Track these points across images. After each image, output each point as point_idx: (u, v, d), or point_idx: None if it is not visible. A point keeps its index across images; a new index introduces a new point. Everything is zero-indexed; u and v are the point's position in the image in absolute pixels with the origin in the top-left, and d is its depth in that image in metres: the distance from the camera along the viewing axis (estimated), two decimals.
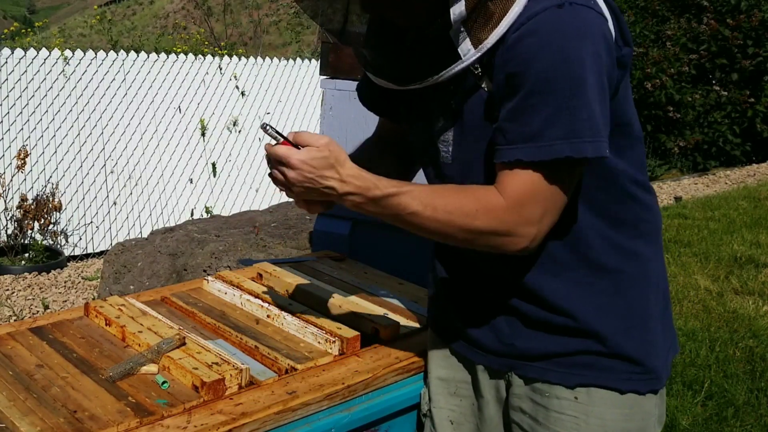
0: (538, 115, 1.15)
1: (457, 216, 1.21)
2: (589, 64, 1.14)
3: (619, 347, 1.32)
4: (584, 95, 1.14)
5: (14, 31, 9.40)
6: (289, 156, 1.21)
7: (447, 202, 1.21)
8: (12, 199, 5.82)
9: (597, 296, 1.32)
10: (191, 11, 16.71)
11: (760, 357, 3.31)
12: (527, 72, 1.15)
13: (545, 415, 1.35)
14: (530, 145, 1.17)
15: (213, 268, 3.20)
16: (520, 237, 1.21)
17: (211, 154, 7.17)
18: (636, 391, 1.33)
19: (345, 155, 1.22)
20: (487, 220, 1.20)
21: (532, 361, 1.36)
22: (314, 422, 1.43)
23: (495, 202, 1.20)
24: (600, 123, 1.17)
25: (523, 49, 1.16)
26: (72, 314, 1.73)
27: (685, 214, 5.86)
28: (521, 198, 1.20)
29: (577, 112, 1.14)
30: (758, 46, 8.49)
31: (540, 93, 1.15)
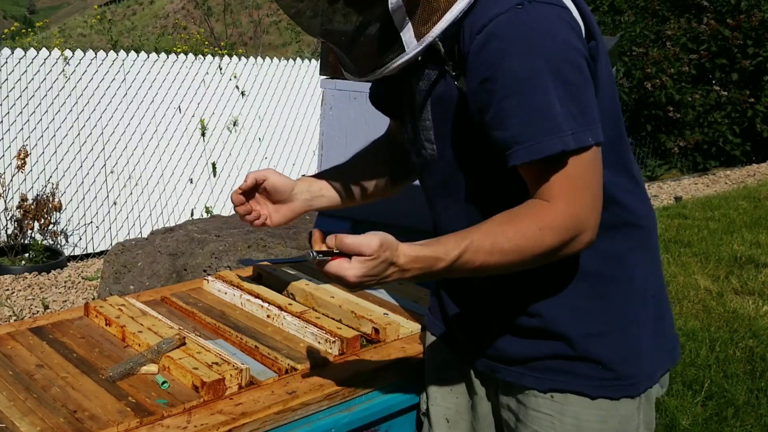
0: (516, 118, 1.15)
1: (525, 245, 1.18)
2: (556, 57, 1.14)
3: (589, 351, 1.31)
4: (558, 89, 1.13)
5: (14, 31, 9.41)
6: (346, 275, 1.14)
7: (509, 237, 1.17)
8: (12, 199, 5.82)
9: (573, 299, 1.31)
10: (191, 11, 16.71)
11: (760, 357, 3.31)
12: (497, 76, 1.15)
13: (525, 413, 1.37)
14: (517, 149, 1.16)
15: (213, 268, 3.20)
16: (585, 232, 1.19)
17: (211, 154, 7.17)
18: (607, 396, 1.31)
19: (396, 245, 1.16)
20: (554, 234, 1.18)
21: (510, 365, 1.37)
22: (314, 422, 1.43)
23: (549, 211, 1.18)
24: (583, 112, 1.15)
25: (490, 53, 1.15)
26: (72, 314, 1.73)
27: (685, 214, 5.87)
28: (566, 193, 1.17)
29: (553, 107, 1.13)
30: (758, 46, 8.50)
31: (513, 95, 1.14)
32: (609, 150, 1.26)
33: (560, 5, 1.18)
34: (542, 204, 1.19)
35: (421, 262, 1.17)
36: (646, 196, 1.39)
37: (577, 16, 1.20)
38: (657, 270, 1.41)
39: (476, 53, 1.17)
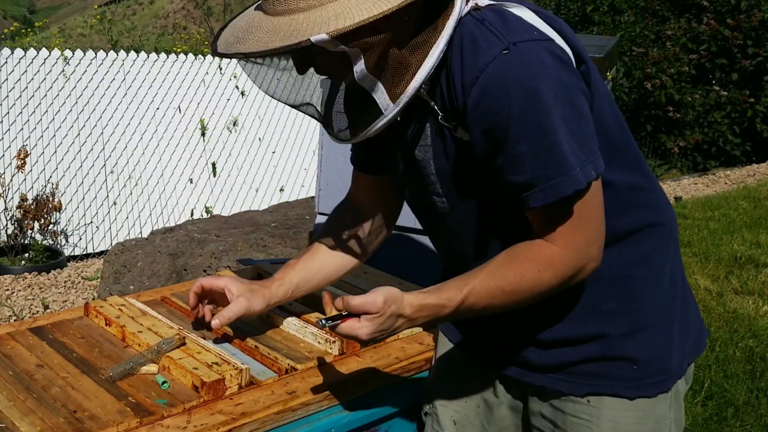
0: (528, 162, 1.16)
1: (526, 286, 1.22)
2: (554, 96, 1.14)
3: (624, 351, 1.32)
4: (560, 128, 1.14)
5: (14, 31, 9.40)
6: (357, 334, 1.22)
7: (510, 280, 1.22)
8: (12, 199, 5.82)
9: (605, 303, 1.32)
10: (191, 11, 16.71)
11: (760, 357, 3.31)
12: (501, 125, 1.15)
13: (562, 419, 1.37)
14: (534, 191, 1.17)
15: (213, 268, 3.20)
16: (588, 263, 1.23)
17: (211, 154, 7.17)
18: (645, 396, 1.33)
19: (401, 297, 1.23)
20: (553, 273, 1.22)
21: (543, 372, 1.37)
22: (314, 422, 1.43)
23: (548, 252, 1.21)
24: (583, 146, 1.17)
25: (489, 104, 1.15)
26: (72, 314, 1.73)
27: (685, 214, 5.86)
28: (566, 235, 1.20)
29: (560, 147, 1.15)
30: (758, 46, 8.49)
31: (520, 140, 1.15)
32: (621, 154, 1.29)
33: (544, 39, 1.17)
34: (542, 245, 1.22)
35: (427, 310, 1.23)
36: (661, 191, 1.40)
37: (562, 44, 1.20)
38: (680, 261, 1.43)
39: (475, 106, 1.17)
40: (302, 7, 1.13)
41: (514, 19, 1.18)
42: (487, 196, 1.28)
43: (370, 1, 1.10)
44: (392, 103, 1.19)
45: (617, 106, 1.35)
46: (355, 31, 1.09)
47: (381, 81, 1.18)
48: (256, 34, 1.15)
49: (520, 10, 1.21)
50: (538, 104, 1.13)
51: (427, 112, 1.26)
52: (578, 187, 1.16)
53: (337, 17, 1.10)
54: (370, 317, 1.21)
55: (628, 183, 1.31)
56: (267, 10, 1.17)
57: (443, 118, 1.24)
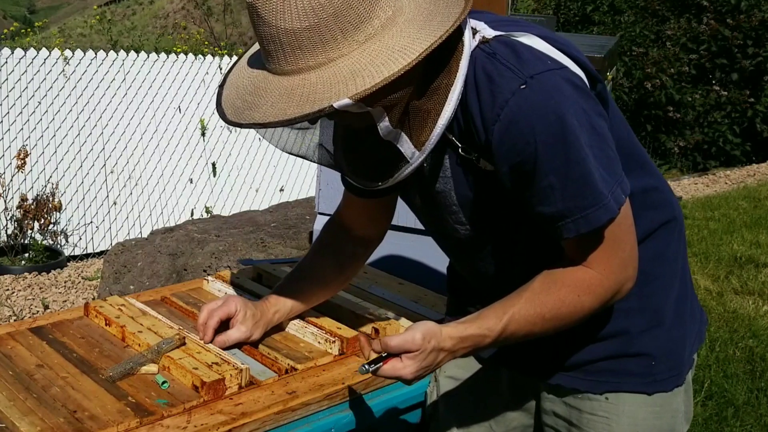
0: (559, 193, 1.16)
1: (567, 312, 1.22)
2: (579, 124, 1.13)
3: (643, 347, 1.33)
4: (588, 156, 1.14)
5: (14, 31, 9.39)
6: (402, 375, 1.21)
7: (550, 307, 1.21)
8: (12, 199, 5.82)
9: (623, 302, 1.31)
10: (191, 11, 16.71)
11: (760, 357, 3.31)
12: (528, 159, 1.14)
13: (579, 417, 1.37)
14: (566, 222, 1.17)
15: (213, 268, 3.20)
16: (626, 284, 1.23)
17: (211, 154, 7.17)
18: (663, 390, 1.34)
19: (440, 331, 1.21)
20: (593, 297, 1.22)
21: (559, 371, 1.37)
22: (314, 422, 1.43)
23: (587, 277, 1.21)
24: (610, 171, 1.17)
25: (515, 140, 1.14)
26: (72, 314, 1.73)
27: (685, 214, 5.85)
28: (602, 259, 1.20)
29: (590, 176, 1.14)
30: (758, 46, 8.49)
31: (550, 173, 1.14)
32: (631, 160, 1.29)
33: (558, 67, 1.16)
34: (580, 270, 1.22)
35: (468, 341, 1.22)
36: (668, 187, 1.41)
37: (575, 69, 1.19)
38: (684, 252, 1.43)
39: (499, 143, 1.15)
40: (312, 65, 1.09)
41: (526, 50, 1.16)
42: (512, 221, 1.28)
43: (384, 54, 1.07)
44: (418, 151, 1.17)
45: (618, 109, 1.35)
46: (377, 91, 1.06)
47: (404, 131, 1.16)
48: (268, 98, 1.11)
49: (529, 38, 1.19)
50: (564, 135, 1.12)
51: (445, 145, 1.24)
52: (611, 215, 1.16)
53: (353, 75, 1.06)
54: (411, 356, 1.19)
55: (640, 187, 1.31)
56: (273, 70, 1.12)
57: (464, 150, 1.22)
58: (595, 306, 1.23)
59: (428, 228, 1.46)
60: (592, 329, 1.33)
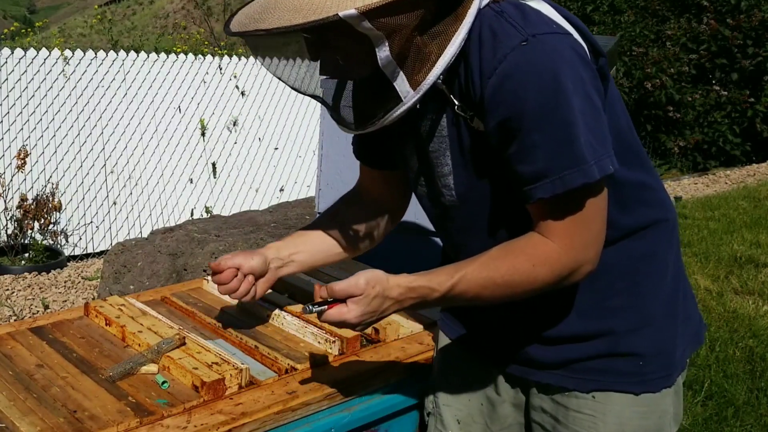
0: (541, 152, 1.16)
1: (518, 280, 1.21)
2: (573, 88, 1.14)
3: (631, 346, 1.33)
4: (577, 120, 1.14)
5: (14, 31, 9.40)
6: (346, 319, 1.22)
7: (502, 273, 1.21)
8: (12, 199, 5.82)
9: (612, 299, 1.32)
10: (191, 11, 16.71)
11: (760, 357, 3.31)
12: (517, 115, 1.15)
13: (565, 413, 1.36)
14: (544, 182, 1.16)
15: None
16: (584, 265, 1.22)
17: (211, 154, 7.17)
18: (650, 391, 1.34)
19: (386, 279, 1.22)
20: (548, 270, 1.21)
21: (548, 369, 1.37)
22: (314, 422, 1.43)
23: (545, 249, 1.20)
24: (600, 141, 1.17)
25: (506, 94, 1.15)
26: (72, 314, 1.73)
27: (685, 214, 5.86)
28: (566, 232, 1.20)
29: (576, 139, 1.14)
30: (758, 46, 8.49)
31: (535, 130, 1.15)
32: (630, 152, 1.29)
33: (563, 32, 1.18)
34: (540, 240, 1.21)
35: (415, 292, 1.23)
36: (664, 189, 1.41)
37: (579, 39, 1.20)
38: (680, 257, 1.43)
39: (492, 96, 1.17)
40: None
41: (533, 12, 1.19)
42: (499, 191, 1.28)
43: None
44: (412, 91, 1.18)
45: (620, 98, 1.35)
46: (384, 8, 1.08)
47: (402, 68, 1.17)
48: (276, 13, 1.13)
49: (539, 4, 1.21)
50: (556, 95, 1.13)
51: (443, 104, 1.26)
52: (589, 179, 1.15)
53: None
54: (355, 300, 1.20)
55: (636, 180, 1.31)
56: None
57: (460, 108, 1.23)
58: (548, 280, 1.21)
59: (420, 196, 1.44)
60: (581, 326, 1.33)
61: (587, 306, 1.32)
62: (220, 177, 7.23)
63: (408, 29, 1.14)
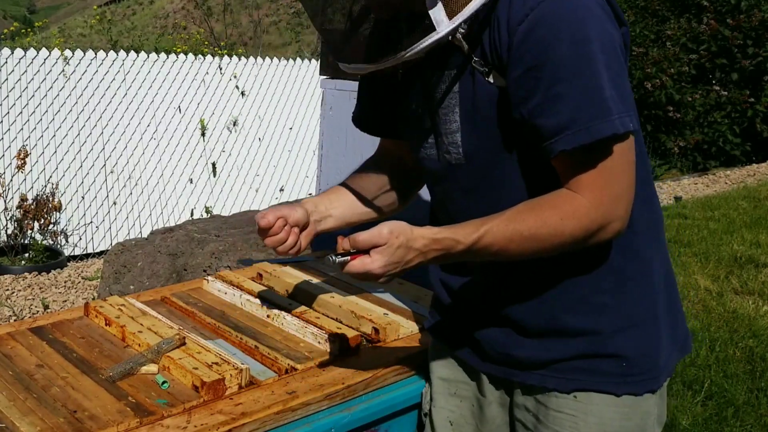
0: (566, 102, 1.15)
1: (546, 234, 1.18)
2: (601, 42, 1.15)
3: (615, 347, 1.31)
4: (603, 73, 1.14)
5: (14, 31, 9.40)
6: (369, 269, 1.17)
7: (529, 225, 1.18)
8: (12, 199, 5.82)
9: (599, 296, 1.31)
10: (191, 11, 16.71)
11: (760, 357, 3.31)
12: (545, 63, 1.15)
13: (545, 413, 1.36)
14: (566, 134, 1.15)
15: (213, 268, 3.20)
16: (612, 222, 1.19)
17: (211, 154, 7.17)
18: (632, 393, 1.32)
19: (411, 230, 1.18)
20: (576, 224, 1.18)
21: (530, 369, 1.36)
22: (314, 422, 1.43)
23: (574, 202, 1.18)
24: (623, 98, 1.16)
25: (536, 42, 1.15)
26: (72, 314, 1.73)
27: (685, 214, 5.86)
28: (594, 185, 1.17)
29: (602, 91, 1.14)
30: (758, 46, 8.49)
31: (562, 80, 1.14)
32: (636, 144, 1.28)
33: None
34: (568, 194, 1.19)
35: (439, 244, 1.18)
36: (651, 184, 1.40)
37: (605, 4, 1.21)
38: (668, 261, 1.42)
39: (521, 42, 1.16)
40: None
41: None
42: (506, 152, 1.26)
43: None
44: (447, 20, 1.16)
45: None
46: None
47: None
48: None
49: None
50: (585, 47, 1.13)
51: (457, 58, 1.24)
52: (616, 130, 1.14)
53: None
54: (379, 250, 1.16)
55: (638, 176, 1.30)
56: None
57: (477, 62, 1.22)
58: (576, 234, 1.18)
59: (422, 157, 1.42)
60: (565, 320, 1.32)
61: (573, 301, 1.31)
62: (220, 177, 7.23)
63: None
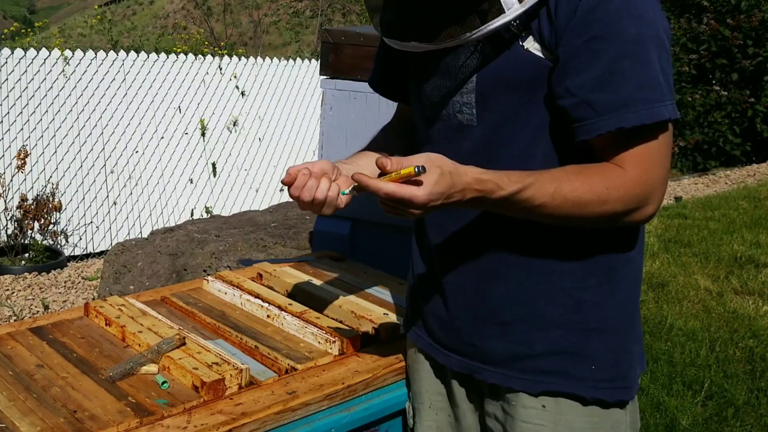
0: (630, 80, 1.14)
1: (588, 199, 1.16)
2: (663, 29, 1.16)
3: (585, 346, 1.28)
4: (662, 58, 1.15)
5: (14, 31, 9.40)
6: (414, 194, 1.10)
7: (575, 187, 1.16)
8: (12, 199, 5.82)
9: (580, 291, 1.27)
10: (191, 11, 16.70)
11: (760, 357, 3.31)
12: (613, 36, 1.13)
13: (512, 424, 1.32)
14: (625, 112, 1.14)
15: (213, 268, 3.20)
16: (650, 205, 1.19)
17: (211, 154, 7.17)
18: (600, 400, 1.29)
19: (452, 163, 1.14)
20: (621, 196, 1.16)
21: (494, 366, 1.32)
22: (314, 422, 1.43)
23: (622, 174, 1.16)
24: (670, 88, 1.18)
25: (606, 13, 1.13)
26: (72, 314, 1.73)
27: (685, 214, 5.86)
28: (644, 165, 1.17)
29: (661, 76, 1.15)
30: (758, 46, 8.50)
31: (629, 57, 1.13)
32: None
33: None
34: (615, 168, 1.18)
35: (482, 185, 1.14)
36: None
37: None
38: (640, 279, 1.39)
39: (588, 11, 1.13)
40: None
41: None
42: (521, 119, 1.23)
43: None
44: (517, 2, 1.14)
45: None
46: None
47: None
48: None
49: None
50: (651, 30, 1.14)
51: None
52: (671, 116, 1.15)
53: None
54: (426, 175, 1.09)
55: None
56: None
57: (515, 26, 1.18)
58: (617, 208, 1.17)
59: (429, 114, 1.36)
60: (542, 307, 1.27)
61: (554, 290, 1.27)
62: (220, 177, 7.23)
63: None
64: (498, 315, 1.31)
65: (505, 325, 1.31)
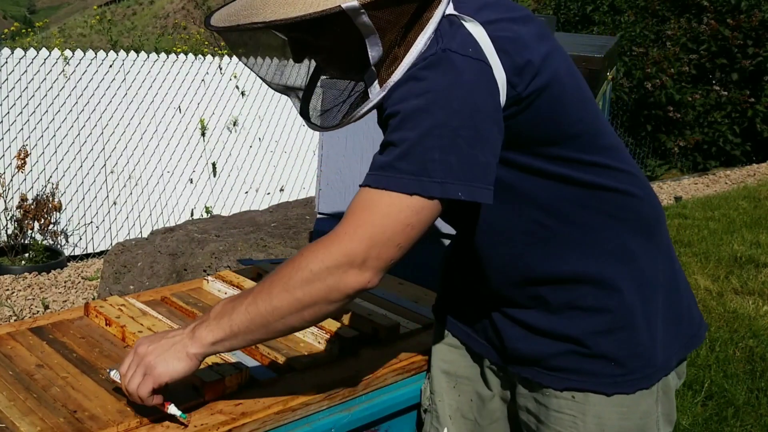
0: (394, 150, 1.15)
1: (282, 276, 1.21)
2: (458, 108, 1.13)
3: (600, 348, 1.32)
4: (444, 137, 1.13)
5: (14, 31, 9.41)
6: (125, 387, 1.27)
7: (271, 278, 1.24)
8: (12, 199, 5.82)
9: (580, 300, 1.32)
10: (191, 11, 16.71)
11: (760, 357, 3.31)
12: (395, 112, 1.16)
13: (546, 414, 1.37)
14: (380, 173, 1.15)
15: (213, 268, 3.20)
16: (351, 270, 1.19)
17: (211, 154, 7.18)
18: (622, 392, 1.32)
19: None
20: (311, 256, 1.18)
21: (524, 365, 1.38)
22: (314, 422, 1.43)
23: (331, 233, 1.19)
24: (465, 168, 1.14)
25: (398, 93, 1.17)
26: (72, 314, 1.73)
27: (685, 214, 5.86)
28: (352, 212, 1.17)
29: (431, 152, 1.13)
30: (758, 46, 8.50)
31: (400, 129, 1.15)
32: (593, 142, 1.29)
33: (476, 57, 1.16)
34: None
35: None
36: (641, 183, 1.37)
37: (498, 71, 1.18)
38: (665, 257, 1.39)
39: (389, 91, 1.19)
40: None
41: (462, 32, 1.18)
42: None
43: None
44: (379, 88, 1.19)
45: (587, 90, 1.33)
46: (382, 1, 1.09)
47: (377, 66, 1.18)
48: (267, 8, 1.11)
49: (473, 26, 1.19)
50: (435, 106, 1.13)
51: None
52: (422, 192, 1.13)
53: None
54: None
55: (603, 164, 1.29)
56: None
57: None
58: (316, 271, 1.17)
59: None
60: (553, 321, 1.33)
61: (558, 303, 1.32)
62: (220, 177, 7.23)
63: (398, 26, 1.15)
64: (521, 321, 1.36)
65: (527, 329, 1.36)
